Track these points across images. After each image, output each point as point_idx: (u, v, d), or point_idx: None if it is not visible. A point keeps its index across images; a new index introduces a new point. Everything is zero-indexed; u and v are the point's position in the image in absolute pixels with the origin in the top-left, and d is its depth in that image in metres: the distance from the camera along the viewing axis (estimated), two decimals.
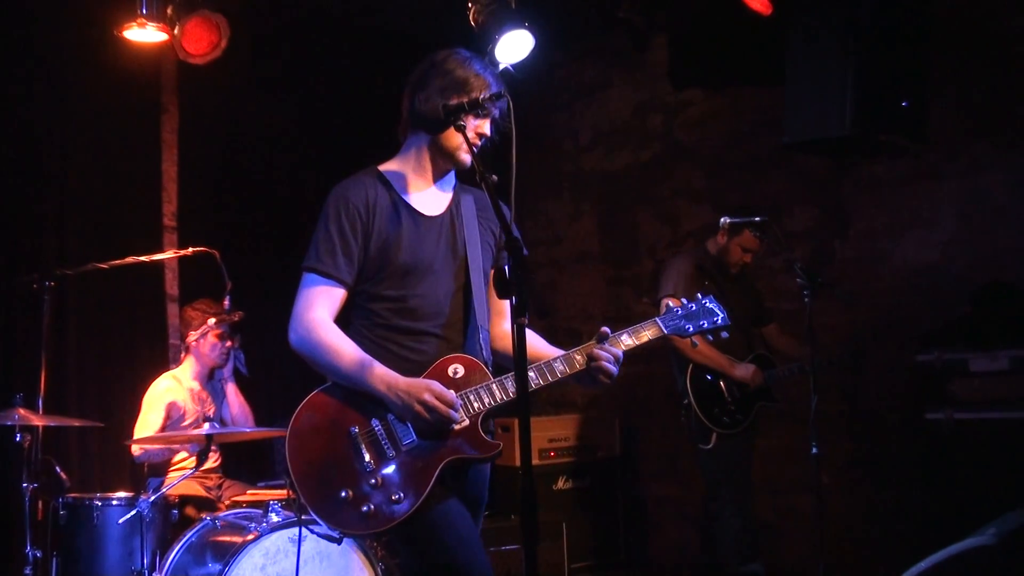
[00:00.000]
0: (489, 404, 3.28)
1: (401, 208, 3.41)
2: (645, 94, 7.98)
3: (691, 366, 5.84)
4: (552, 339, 3.59)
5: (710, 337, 3.59)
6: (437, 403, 3.16)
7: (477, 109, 3.30)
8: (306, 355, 3.32)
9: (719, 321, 3.54)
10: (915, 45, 5.69)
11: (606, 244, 8.26)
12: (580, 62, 8.35)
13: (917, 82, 5.68)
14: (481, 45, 5.53)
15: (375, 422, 3.23)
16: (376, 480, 3.18)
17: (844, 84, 5.42)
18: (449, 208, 3.50)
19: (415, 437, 3.22)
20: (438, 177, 3.50)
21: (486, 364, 3.35)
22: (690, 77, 7.41)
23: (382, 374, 3.22)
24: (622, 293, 8.07)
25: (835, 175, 6.82)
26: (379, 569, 4.84)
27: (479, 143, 3.38)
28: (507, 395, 3.27)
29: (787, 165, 6.93)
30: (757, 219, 5.81)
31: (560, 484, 7.20)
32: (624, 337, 3.40)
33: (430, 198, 3.48)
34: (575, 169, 8.45)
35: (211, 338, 6.05)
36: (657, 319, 3.48)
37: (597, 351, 3.32)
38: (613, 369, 3.33)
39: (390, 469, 3.20)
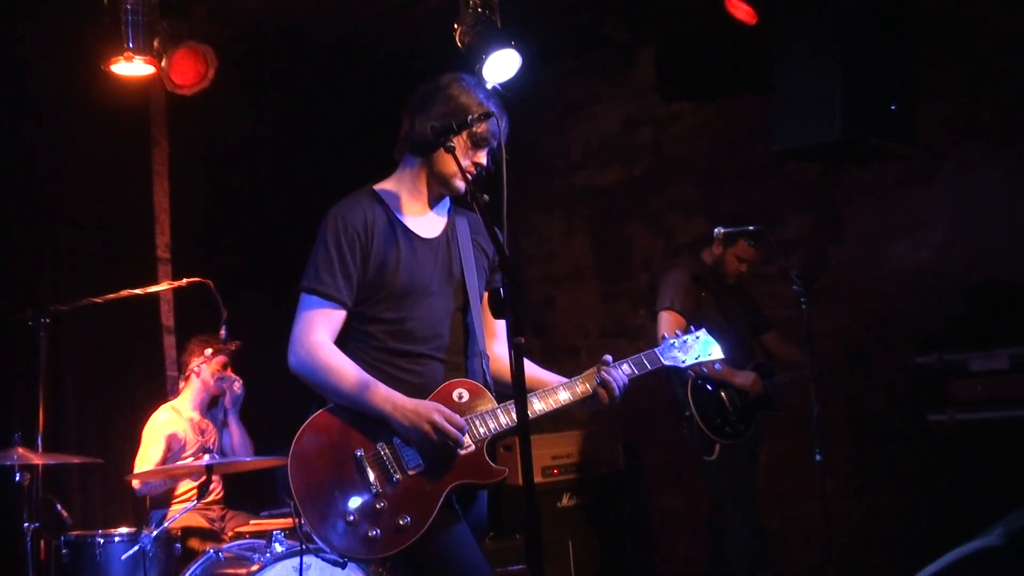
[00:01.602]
0: (495, 430, 3.27)
1: (398, 230, 3.39)
2: (633, 108, 7.99)
3: (692, 378, 5.82)
4: (550, 356, 3.59)
5: (704, 370, 3.71)
6: (447, 425, 3.14)
7: (473, 134, 3.30)
8: (307, 377, 3.28)
9: (713, 355, 3.70)
10: (902, 48, 5.71)
11: (600, 259, 8.26)
12: (568, 79, 8.37)
13: (905, 85, 5.69)
14: (468, 65, 5.53)
15: (381, 445, 3.21)
16: (382, 504, 3.15)
17: (832, 90, 5.42)
18: (445, 231, 3.49)
19: (421, 461, 3.20)
20: (433, 200, 3.49)
21: (490, 389, 3.34)
22: (678, 89, 7.42)
23: (386, 395, 3.20)
24: (618, 308, 8.06)
25: (827, 181, 6.83)
26: None
27: (474, 172, 3.37)
28: (513, 421, 3.25)
29: (779, 173, 6.94)
30: (751, 228, 5.82)
31: (564, 501, 7.16)
32: (625, 367, 3.48)
33: (426, 220, 3.47)
34: (567, 185, 8.45)
35: (213, 367, 6.05)
36: (655, 350, 3.61)
37: (606, 374, 3.39)
38: (617, 390, 3.41)
39: (396, 493, 3.17)
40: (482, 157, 3.38)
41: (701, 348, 3.69)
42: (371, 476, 3.17)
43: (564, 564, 6.68)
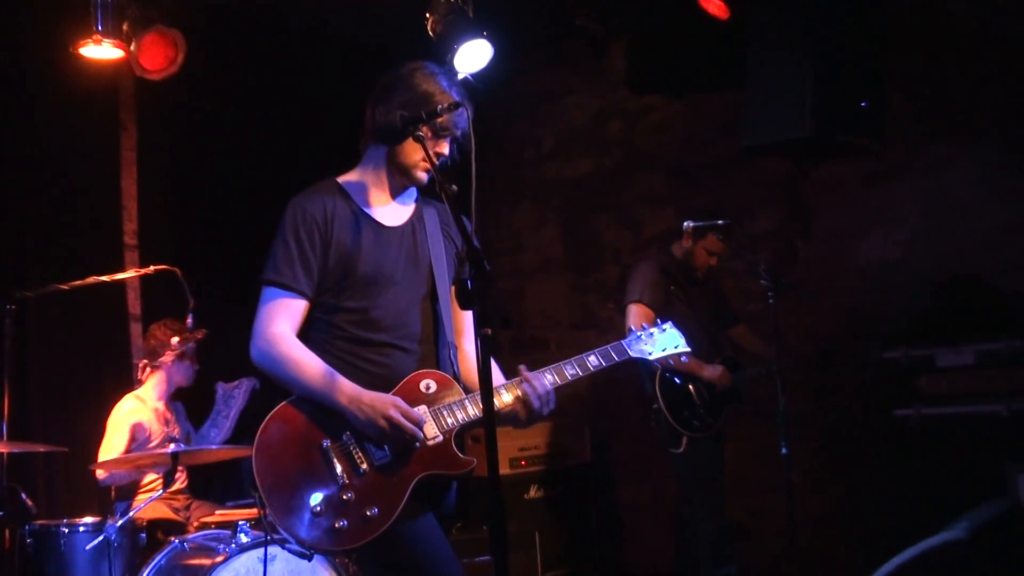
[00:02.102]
0: (463, 420, 3.26)
1: (361, 219, 3.37)
2: (605, 101, 8.00)
3: (660, 370, 5.83)
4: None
5: (671, 363, 3.67)
6: (402, 420, 3.12)
7: (434, 123, 3.27)
8: (268, 370, 3.27)
9: (679, 347, 3.70)
10: (873, 46, 5.73)
11: (570, 251, 8.26)
12: (539, 70, 8.36)
13: (876, 83, 5.72)
14: (440, 55, 5.51)
15: (347, 436, 3.18)
16: (349, 495, 3.12)
17: (803, 86, 5.44)
18: (411, 220, 3.47)
19: (388, 453, 3.17)
20: (397, 189, 3.47)
21: (457, 379, 3.33)
22: (649, 83, 7.42)
23: (344, 388, 3.17)
24: (587, 300, 8.07)
25: (797, 177, 6.85)
26: None
27: (436, 162, 3.34)
28: (480, 412, 3.22)
29: (749, 168, 6.96)
30: (720, 222, 5.84)
31: (532, 493, 7.18)
32: (591, 359, 3.45)
33: (390, 209, 3.45)
34: (537, 177, 8.45)
35: (184, 359, 6.01)
36: (623, 343, 3.58)
37: (526, 388, 3.30)
38: (536, 402, 3.29)
39: (363, 484, 3.14)
40: (444, 147, 3.36)
41: (668, 340, 3.70)
42: (338, 467, 3.15)
43: (531, 555, 6.70)
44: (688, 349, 3.74)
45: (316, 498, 3.12)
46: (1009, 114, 6.05)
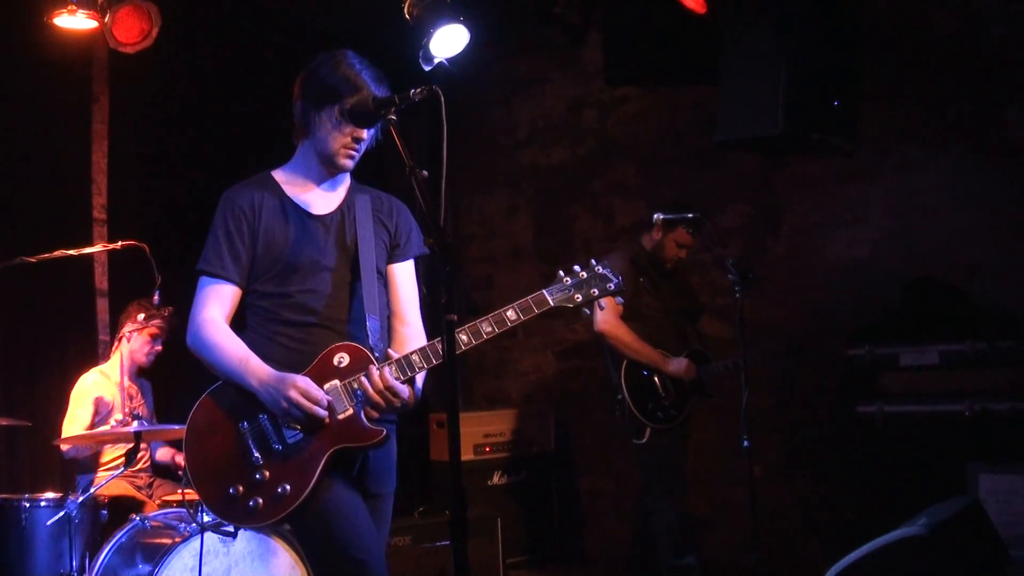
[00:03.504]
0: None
1: (288, 208, 3.50)
2: (580, 90, 8.00)
3: (625, 361, 5.85)
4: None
5: (602, 305, 3.49)
6: (302, 399, 3.20)
7: (340, 108, 3.36)
8: (197, 354, 3.42)
9: (611, 287, 3.44)
10: (847, 46, 5.75)
11: (541, 239, 8.27)
12: (516, 57, 8.35)
13: (848, 82, 5.74)
14: (415, 39, 5.49)
15: (263, 417, 3.29)
16: (265, 474, 3.23)
17: (776, 84, 5.45)
18: (340, 207, 3.57)
19: (299, 430, 3.26)
20: (325, 178, 3.57)
21: (371, 351, 3.35)
22: (625, 74, 7.41)
23: (256, 370, 3.29)
24: None
25: (768, 173, 6.89)
26: (309, 568, 4.80)
27: (356, 147, 3.46)
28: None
29: (721, 162, 6.98)
30: (691, 215, 5.85)
31: (495, 479, 7.21)
32: (509, 313, 3.36)
33: (318, 198, 3.55)
34: (510, 164, 8.44)
35: (143, 335, 5.98)
36: (544, 291, 3.41)
37: (363, 380, 3.28)
38: (379, 400, 3.25)
39: (277, 462, 3.25)
40: (362, 132, 3.43)
41: (596, 283, 3.43)
42: (253, 448, 3.26)
43: (492, 541, 6.71)
44: (623, 288, 3.50)
45: (235, 479, 3.25)
46: (979, 118, 6.10)
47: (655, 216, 5.92)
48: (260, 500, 3.21)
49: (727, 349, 6.09)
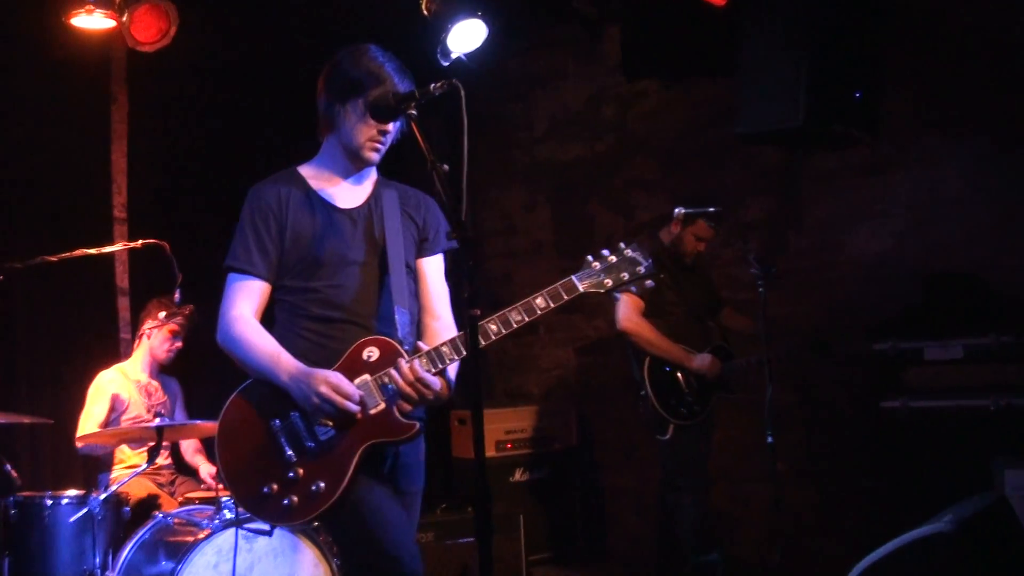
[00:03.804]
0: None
1: (315, 202, 3.48)
2: (599, 85, 7.97)
3: (648, 357, 5.83)
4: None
5: (634, 289, 3.42)
6: (333, 395, 3.17)
7: (364, 102, 3.33)
8: (228, 351, 3.40)
9: (642, 271, 3.39)
10: (868, 37, 5.72)
11: (561, 235, 8.25)
12: (534, 52, 8.32)
13: (869, 74, 5.71)
14: (433, 34, 5.48)
15: (294, 414, 3.27)
16: (298, 472, 3.21)
17: (797, 76, 5.43)
18: (367, 201, 3.55)
19: (331, 426, 3.24)
20: (351, 172, 3.55)
21: (401, 344, 3.34)
22: (643, 68, 7.39)
23: (286, 366, 3.27)
24: None
25: (789, 166, 6.84)
26: (334, 565, 4.81)
27: (382, 140, 3.44)
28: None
29: (741, 156, 6.94)
30: (711, 209, 5.82)
31: (517, 476, 7.20)
32: (539, 300, 3.35)
33: (345, 192, 3.54)
34: (529, 159, 8.43)
35: (162, 332, 6.00)
36: (573, 276, 3.38)
37: (393, 373, 3.25)
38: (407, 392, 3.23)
39: (310, 460, 3.23)
40: (388, 125, 3.41)
41: (628, 267, 3.39)
42: (286, 445, 3.24)
43: (515, 538, 6.71)
44: (653, 271, 3.42)
45: (269, 477, 3.22)
46: (1001, 110, 6.04)
47: (675, 211, 5.89)
48: (295, 498, 3.19)
49: (749, 344, 6.06)
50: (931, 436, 5.57)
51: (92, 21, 5.73)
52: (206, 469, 6.05)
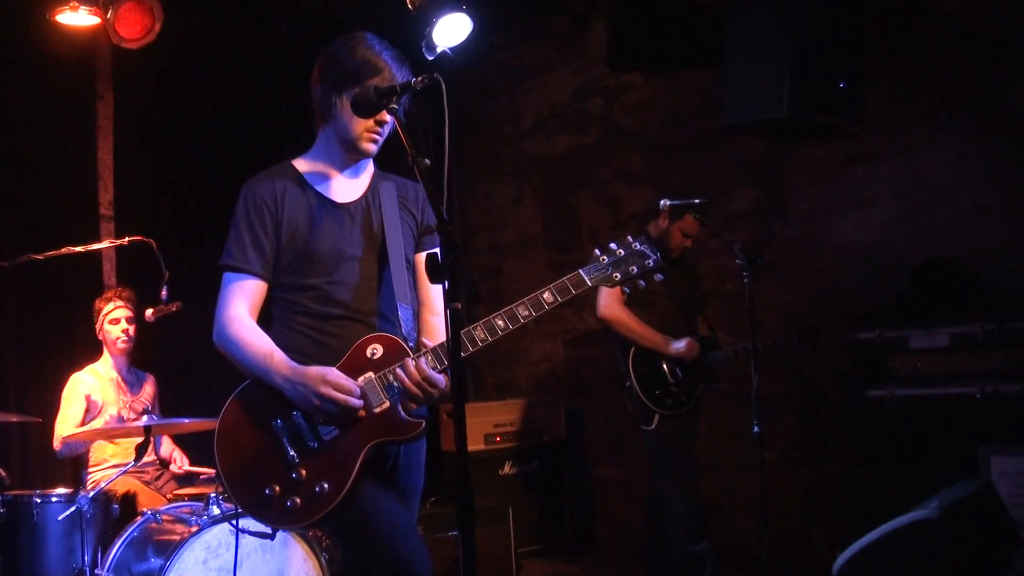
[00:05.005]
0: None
1: (311, 197, 3.38)
2: (585, 77, 7.98)
3: (633, 348, 5.84)
4: None
5: (642, 283, 3.36)
6: (334, 393, 3.10)
7: (367, 91, 3.21)
8: (224, 351, 3.30)
9: (651, 264, 3.35)
10: (851, 27, 5.74)
11: (549, 228, 8.26)
12: (520, 45, 8.33)
13: (854, 64, 5.72)
14: (418, 28, 5.48)
15: (296, 414, 3.18)
16: (301, 473, 3.13)
17: (781, 66, 5.44)
18: (365, 195, 3.47)
19: (335, 426, 3.17)
20: (347, 165, 3.46)
21: (405, 341, 3.28)
22: (630, 60, 7.40)
23: (281, 367, 3.17)
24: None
25: (775, 157, 6.87)
26: (322, 559, 4.81)
27: (379, 131, 3.35)
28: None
29: (727, 147, 6.96)
30: (697, 201, 5.82)
31: (506, 469, 7.22)
32: (546, 295, 3.25)
33: (342, 186, 3.45)
34: (516, 153, 8.43)
35: (107, 323, 5.89)
36: (581, 270, 3.31)
37: (399, 372, 3.18)
38: (417, 392, 3.16)
39: (313, 460, 3.14)
40: (385, 115, 3.28)
41: (636, 260, 3.34)
42: (288, 446, 3.16)
43: (504, 530, 6.71)
44: (663, 264, 3.38)
45: (270, 479, 3.13)
46: (985, 97, 6.07)
47: (661, 203, 5.88)
48: (298, 500, 3.10)
49: (736, 335, 6.08)
50: (917, 424, 5.60)
51: (77, 18, 5.72)
52: (179, 462, 6.05)
